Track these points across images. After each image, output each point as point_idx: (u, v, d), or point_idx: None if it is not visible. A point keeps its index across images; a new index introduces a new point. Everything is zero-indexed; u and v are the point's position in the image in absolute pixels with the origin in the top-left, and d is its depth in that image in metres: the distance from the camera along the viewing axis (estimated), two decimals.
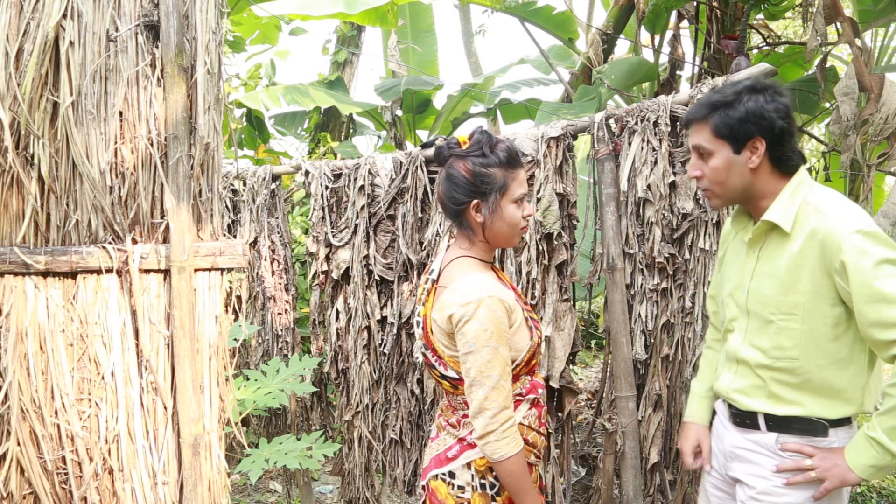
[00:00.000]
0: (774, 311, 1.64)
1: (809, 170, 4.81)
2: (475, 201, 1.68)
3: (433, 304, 1.74)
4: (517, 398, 1.73)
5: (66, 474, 1.52)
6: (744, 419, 1.74)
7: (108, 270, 1.53)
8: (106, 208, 1.53)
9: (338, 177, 3.20)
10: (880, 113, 2.92)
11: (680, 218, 2.53)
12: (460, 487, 1.71)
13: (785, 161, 1.66)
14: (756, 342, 1.70)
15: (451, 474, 1.72)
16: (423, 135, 7.24)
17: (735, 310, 1.78)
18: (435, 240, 2.91)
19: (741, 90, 1.64)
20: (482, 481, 1.69)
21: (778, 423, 1.67)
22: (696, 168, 1.73)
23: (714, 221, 2.46)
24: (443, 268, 1.76)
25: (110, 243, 1.54)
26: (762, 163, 1.64)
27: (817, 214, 1.59)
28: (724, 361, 1.84)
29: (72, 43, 1.49)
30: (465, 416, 1.74)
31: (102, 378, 1.53)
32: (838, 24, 3.16)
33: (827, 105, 4.33)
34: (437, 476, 1.75)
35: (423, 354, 1.80)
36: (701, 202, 2.48)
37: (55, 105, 1.52)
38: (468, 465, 1.71)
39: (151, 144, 1.53)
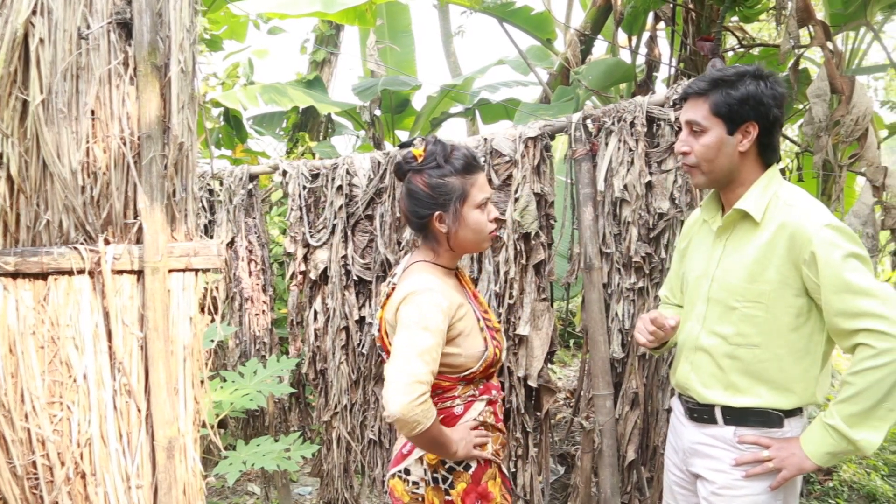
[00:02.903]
0: (739, 299, 1.67)
1: (783, 170, 4.89)
2: (437, 213, 1.67)
3: (388, 305, 1.75)
4: (470, 398, 1.74)
5: (36, 479, 1.50)
6: (701, 414, 1.77)
7: (80, 271, 1.51)
8: (77, 208, 1.51)
9: (315, 177, 3.19)
10: (851, 114, 2.97)
11: (656, 217, 2.55)
12: (415, 483, 1.72)
13: (770, 150, 1.70)
14: (716, 329, 1.73)
15: (407, 471, 1.73)
16: (403, 135, 7.23)
17: (695, 297, 1.81)
18: (413, 240, 2.91)
19: (744, 73, 1.65)
20: (434, 475, 1.70)
21: (735, 416, 1.71)
22: (685, 144, 1.73)
23: None
24: (402, 273, 1.77)
25: (82, 244, 1.51)
26: (750, 148, 1.67)
27: (787, 208, 1.63)
28: (679, 352, 1.87)
29: (42, 40, 1.47)
30: None
31: (74, 381, 1.50)
32: (811, 27, 3.22)
33: (800, 106, 4.39)
34: (394, 474, 1.76)
35: (381, 357, 1.80)
36: (676, 202, 2.50)
37: (24, 103, 1.49)
38: (420, 460, 1.72)
39: (124, 144, 1.51)
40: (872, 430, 1.53)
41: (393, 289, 1.77)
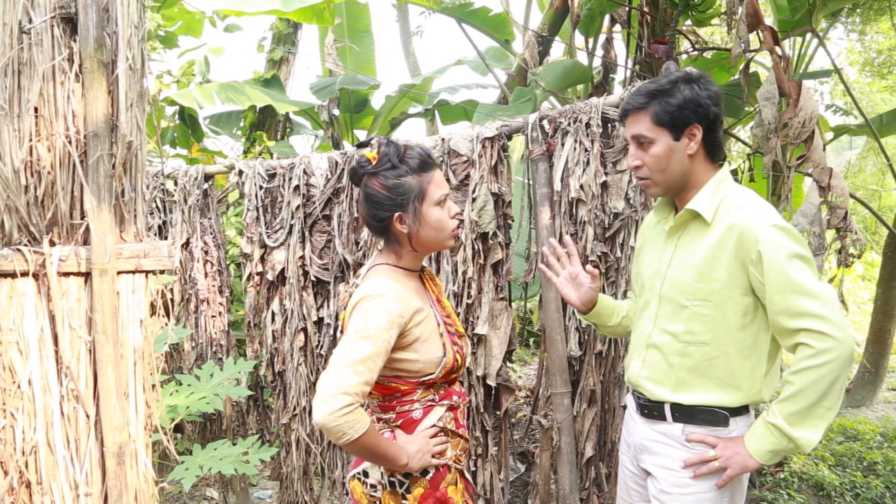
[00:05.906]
0: (689, 297, 1.71)
1: (735, 171, 5.02)
2: (397, 214, 1.66)
3: (346, 308, 1.73)
4: (430, 403, 1.72)
5: None
6: (651, 410, 1.81)
7: (24, 274, 1.46)
8: (21, 209, 1.46)
9: (272, 177, 3.15)
10: (798, 117, 3.06)
11: (612, 217, 2.59)
12: (372, 486, 1.70)
13: (716, 148, 1.75)
14: (667, 327, 1.76)
15: (365, 473, 1.71)
16: (361, 135, 7.18)
17: (648, 295, 1.84)
18: (371, 240, 2.90)
19: (676, 80, 1.70)
20: (391, 479, 1.68)
21: (683, 414, 1.74)
22: (635, 158, 1.76)
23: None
24: (363, 276, 1.76)
25: (26, 245, 1.47)
26: (698, 149, 1.72)
27: (737, 210, 1.68)
28: (633, 349, 1.90)
29: None
30: (372, 412, 1.76)
31: (18, 387, 1.45)
32: (760, 32, 3.30)
33: (751, 109, 4.51)
34: (354, 476, 1.75)
35: None
36: (631, 202, 2.55)
37: None
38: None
39: (70, 142, 1.47)
40: (811, 428, 1.58)
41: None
